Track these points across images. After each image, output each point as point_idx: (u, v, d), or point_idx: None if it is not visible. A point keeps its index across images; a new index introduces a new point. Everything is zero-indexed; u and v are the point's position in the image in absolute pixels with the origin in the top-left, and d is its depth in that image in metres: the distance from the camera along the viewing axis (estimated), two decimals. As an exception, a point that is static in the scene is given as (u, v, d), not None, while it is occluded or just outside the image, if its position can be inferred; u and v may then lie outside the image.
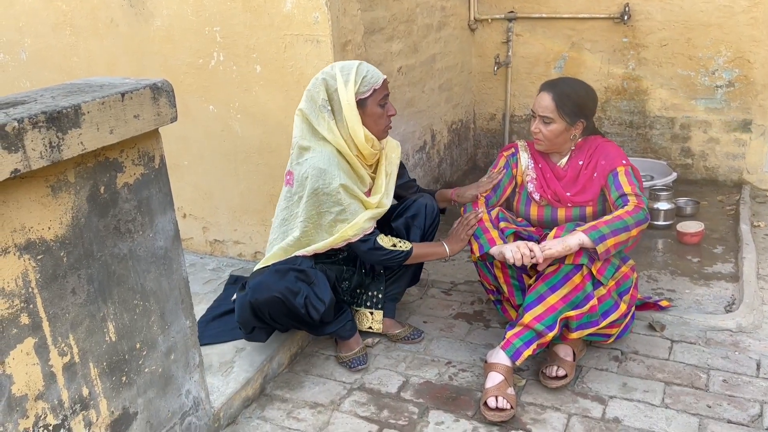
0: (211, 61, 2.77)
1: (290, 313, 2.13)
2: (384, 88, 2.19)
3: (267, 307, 2.12)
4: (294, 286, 2.11)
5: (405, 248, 2.26)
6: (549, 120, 2.27)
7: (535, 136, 2.33)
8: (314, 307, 2.13)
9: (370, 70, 2.18)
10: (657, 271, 2.91)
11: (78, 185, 1.46)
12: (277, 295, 2.09)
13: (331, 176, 2.11)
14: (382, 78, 2.18)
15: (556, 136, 2.28)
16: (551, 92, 2.27)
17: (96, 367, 1.55)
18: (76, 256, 1.47)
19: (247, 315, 2.18)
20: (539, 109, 2.28)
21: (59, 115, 1.32)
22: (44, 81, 3.20)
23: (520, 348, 2.10)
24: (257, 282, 2.14)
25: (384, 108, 2.20)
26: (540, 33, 4.10)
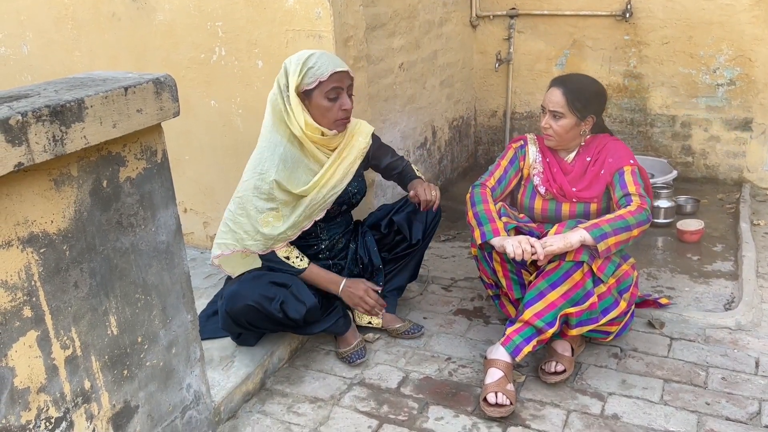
0: (212, 56, 2.77)
1: (268, 318, 2.14)
2: (333, 81, 2.09)
3: (243, 315, 2.14)
4: (269, 292, 2.12)
5: (298, 266, 2.22)
6: (560, 115, 2.27)
7: (545, 132, 2.33)
8: (295, 310, 2.13)
9: (320, 62, 2.09)
10: (657, 269, 2.92)
11: (81, 179, 1.46)
12: (250, 304, 2.11)
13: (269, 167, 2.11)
14: (330, 71, 2.08)
15: (566, 131, 2.29)
16: (562, 87, 2.27)
17: (98, 361, 1.56)
18: (78, 249, 1.47)
19: (228, 323, 2.20)
20: (550, 104, 2.29)
21: (63, 108, 1.32)
22: (46, 75, 3.21)
23: (520, 344, 2.11)
24: (231, 291, 2.16)
25: (333, 101, 2.12)
26: (542, 30, 4.10)
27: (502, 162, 2.45)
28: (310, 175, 2.19)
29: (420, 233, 2.37)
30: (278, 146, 2.14)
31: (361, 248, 2.44)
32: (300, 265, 2.22)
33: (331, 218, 2.33)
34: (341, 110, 2.14)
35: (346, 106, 2.15)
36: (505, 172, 2.42)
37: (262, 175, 2.12)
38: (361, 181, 2.39)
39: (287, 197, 2.15)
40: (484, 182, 2.37)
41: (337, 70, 2.10)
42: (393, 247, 2.47)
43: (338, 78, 2.11)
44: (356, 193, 2.37)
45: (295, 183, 2.15)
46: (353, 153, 2.26)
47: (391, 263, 2.49)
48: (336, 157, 2.22)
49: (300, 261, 2.23)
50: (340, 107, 2.14)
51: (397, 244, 2.46)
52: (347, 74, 2.14)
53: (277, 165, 2.12)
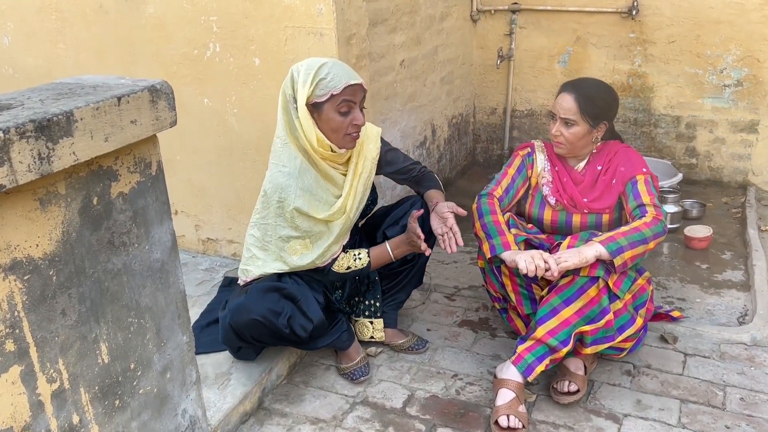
0: (206, 52, 2.62)
1: (274, 334, 2.02)
2: (346, 94, 1.93)
3: (248, 330, 2.02)
4: (276, 306, 1.99)
5: (362, 266, 2.14)
6: (571, 122, 2.17)
7: (556, 140, 2.22)
8: (301, 326, 2.01)
9: (334, 72, 1.93)
10: (665, 278, 2.84)
11: (69, 197, 1.33)
12: (257, 318, 1.98)
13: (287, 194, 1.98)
14: (344, 83, 1.92)
15: (578, 139, 2.18)
16: (573, 93, 2.16)
17: (87, 393, 1.44)
18: (66, 274, 1.34)
19: (230, 337, 2.07)
20: (561, 110, 2.17)
21: (49, 123, 1.19)
22: (28, 68, 3.04)
23: (532, 363, 2.01)
24: (237, 304, 2.03)
25: (346, 116, 1.96)
26: (544, 26, 3.98)
27: (509, 170, 2.33)
28: (330, 197, 2.06)
29: None
30: (295, 162, 2.00)
31: None
32: (364, 264, 2.13)
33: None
34: (352, 125, 1.99)
35: (357, 122, 1.99)
36: (512, 181, 2.31)
37: (282, 202, 1.99)
38: (374, 191, 2.26)
39: (311, 223, 2.03)
40: (491, 192, 2.26)
41: (351, 83, 1.94)
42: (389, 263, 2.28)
43: (352, 91, 1.95)
44: (370, 204, 2.26)
45: (316, 207, 2.02)
46: (368, 165, 2.14)
47: (388, 279, 2.36)
48: (353, 176, 2.10)
49: (361, 261, 2.13)
50: (352, 122, 1.98)
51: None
52: (361, 87, 1.98)
53: (295, 190, 1.98)
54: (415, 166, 2.31)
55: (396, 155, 2.28)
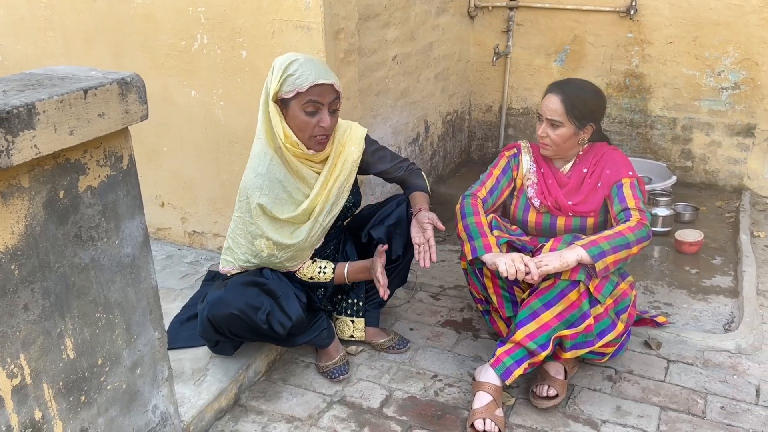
0: (194, 43, 2.60)
1: (252, 329, 2.00)
2: (312, 93, 1.88)
3: (225, 323, 1.99)
4: (255, 301, 1.97)
5: (325, 279, 2.15)
6: (557, 124, 2.14)
7: (542, 141, 2.20)
8: (280, 323, 1.99)
9: (303, 69, 1.88)
10: (654, 282, 2.81)
11: (33, 190, 1.31)
12: (235, 313, 1.96)
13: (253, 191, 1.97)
14: (310, 82, 1.87)
15: (564, 140, 2.15)
16: (560, 94, 2.13)
17: (51, 388, 1.42)
18: (29, 268, 1.32)
19: (207, 330, 2.05)
20: (547, 111, 2.14)
21: (9, 115, 1.16)
22: (17, 56, 3.02)
23: (510, 367, 1.99)
24: (216, 297, 2.00)
25: (312, 116, 1.91)
26: (542, 24, 3.94)
27: (494, 171, 2.30)
28: (300, 195, 2.02)
29: (400, 248, 2.19)
30: (265, 159, 1.98)
31: (341, 258, 2.28)
32: (327, 278, 2.14)
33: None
34: (318, 127, 1.93)
35: (323, 123, 1.93)
36: (497, 182, 2.28)
37: (248, 199, 1.98)
38: (356, 193, 2.22)
39: (276, 225, 2.00)
40: (475, 192, 2.23)
41: (318, 83, 1.88)
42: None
43: (318, 92, 1.89)
44: (351, 207, 2.22)
45: (281, 207, 1.99)
46: (347, 167, 2.09)
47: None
48: (326, 177, 2.05)
49: (325, 276, 2.14)
50: (318, 123, 1.93)
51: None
52: (331, 88, 1.91)
53: (261, 186, 1.96)
54: (402, 164, 2.28)
55: (383, 155, 2.24)
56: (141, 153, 2.84)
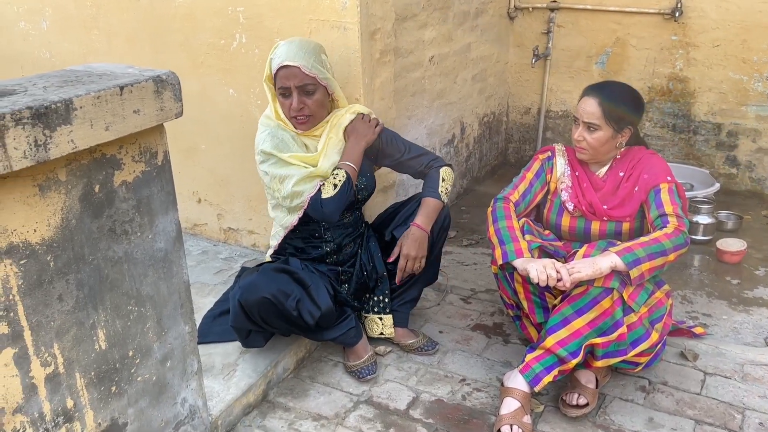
0: (233, 42, 2.63)
1: (282, 315, 2.01)
2: (280, 76, 2.05)
3: (256, 308, 2.00)
4: (286, 287, 2.00)
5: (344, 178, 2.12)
6: (595, 127, 2.09)
7: (578, 145, 2.15)
8: (309, 312, 2.01)
9: (280, 52, 2.05)
10: (692, 292, 2.73)
11: (69, 184, 1.34)
12: (266, 297, 1.97)
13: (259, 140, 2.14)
14: (277, 65, 2.04)
15: (601, 144, 2.11)
16: (597, 97, 2.09)
17: (83, 378, 1.45)
18: (64, 260, 1.36)
19: (239, 317, 2.06)
20: (584, 115, 2.10)
21: (47, 110, 1.19)
22: (64, 53, 3.11)
23: (540, 373, 1.96)
24: (248, 282, 2.03)
25: (285, 98, 2.08)
26: (583, 25, 3.87)
27: (527, 174, 2.27)
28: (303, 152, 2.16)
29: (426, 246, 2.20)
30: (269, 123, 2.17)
31: (364, 254, 2.29)
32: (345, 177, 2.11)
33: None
34: (291, 109, 2.07)
35: (295, 107, 2.07)
36: (530, 185, 2.25)
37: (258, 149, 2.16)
38: (370, 177, 2.25)
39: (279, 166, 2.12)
40: (507, 196, 2.20)
41: (283, 64, 2.02)
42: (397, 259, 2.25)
43: (284, 74, 2.04)
44: (362, 189, 2.23)
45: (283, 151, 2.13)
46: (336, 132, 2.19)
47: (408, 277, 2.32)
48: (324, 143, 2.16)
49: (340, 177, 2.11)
50: (290, 106, 2.07)
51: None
52: (298, 71, 2.03)
53: (266, 137, 2.13)
54: (422, 158, 2.28)
55: (396, 148, 2.28)
56: (179, 150, 2.91)
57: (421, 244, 2.18)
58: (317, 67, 2.05)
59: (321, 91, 2.09)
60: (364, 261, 2.28)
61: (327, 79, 2.09)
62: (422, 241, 2.18)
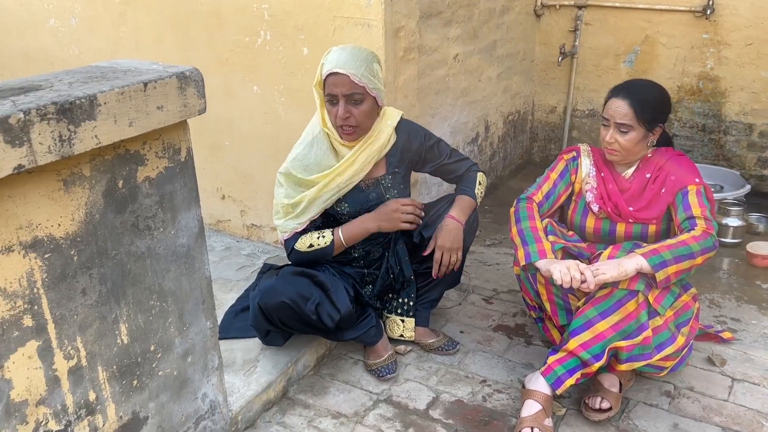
0: (257, 39, 2.64)
1: (301, 319, 2.02)
2: (328, 83, 1.98)
3: (275, 312, 2.01)
4: (306, 291, 2.00)
5: (324, 245, 2.11)
6: (627, 128, 2.04)
7: (609, 147, 2.10)
8: (329, 315, 2.01)
9: (330, 59, 1.98)
10: (721, 296, 2.67)
11: (93, 179, 1.35)
12: (285, 301, 1.98)
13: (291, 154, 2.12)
14: (326, 71, 1.97)
15: (634, 145, 2.07)
16: (628, 98, 2.04)
17: (105, 371, 1.47)
18: (88, 254, 1.37)
19: (258, 319, 2.08)
20: (616, 116, 2.05)
21: (72, 106, 1.21)
22: (92, 49, 3.15)
23: (562, 376, 1.93)
24: (268, 286, 2.04)
25: (332, 106, 2.00)
26: (611, 23, 3.81)
27: (551, 174, 2.23)
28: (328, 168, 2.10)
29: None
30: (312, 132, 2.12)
31: (392, 257, 2.27)
32: (326, 243, 2.11)
33: None
34: (338, 118, 2.00)
35: (340, 115, 1.99)
36: (554, 186, 2.21)
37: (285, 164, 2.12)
38: (403, 189, 2.21)
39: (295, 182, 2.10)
40: (530, 196, 2.17)
41: (333, 71, 1.95)
42: (424, 260, 2.24)
43: (332, 81, 1.97)
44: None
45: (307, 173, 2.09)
46: (381, 139, 2.10)
47: (423, 276, 2.30)
48: (360, 147, 2.08)
49: (323, 239, 2.11)
50: (336, 114, 1.99)
51: (429, 257, 2.19)
52: (347, 80, 1.94)
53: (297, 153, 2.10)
54: (461, 163, 2.26)
55: (437, 154, 2.23)
56: (204, 146, 2.94)
57: (456, 235, 2.12)
58: (367, 77, 1.96)
59: (369, 101, 2.00)
60: (391, 264, 2.26)
61: (377, 89, 2.01)
62: (457, 232, 2.12)
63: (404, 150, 2.18)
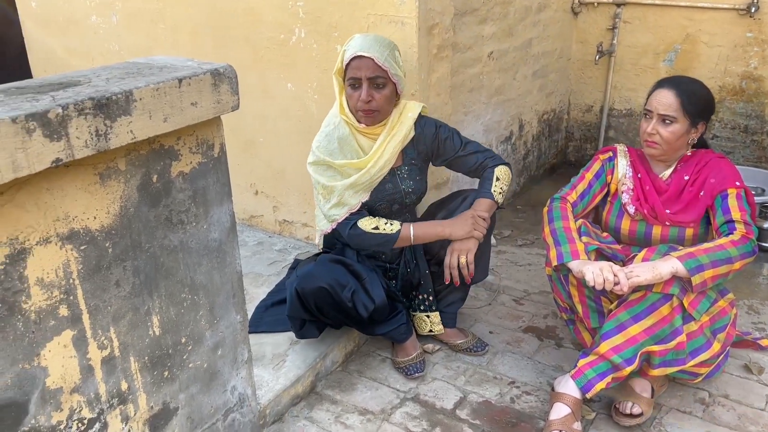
0: (292, 37, 2.66)
1: (337, 306, 2.03)
2: (352, 67, 2.01)
3: (313, 297, 2.02)
4: (343, 278, 2.02)
5: (390, 231, 2.09)
6: (671, 120, 2.01)
7: (650, 139, 2.06)
8: (363, 305, 2.02)
9: (353, 43, 2.03)
10: (760, 302, 2.60)
11: (129, 173, 1.38)
12: (323, 286, 1.99)
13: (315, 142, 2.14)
14: (350, 55, 2.01)
15: (676, 138, 2.03)
16: (675, 89, 2.02)
17: (137, 362, 1.50)
18: (122, 247, 1.40)
19: (295, 306, 2.08)
20: (660, 106, 2.02)
21: (108, 101, 1.23)
22: (132, 46, 3.21)
23: (592, 380, 1.90)
24: (305, 271, 2.06)
25: (354, 90, 2.04)
26: (651, 21, 3.73)
27: (586, 174, 2.20)
28: (354, 157, 2.11)
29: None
30: (334, 121, 2.15)
31: (409, 252, 2.27)
32: (392, 231, 2.09)
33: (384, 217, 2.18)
34: (360, 101, 2.03)
35: (363, 98, 2.02)
36: (589, 186, 2.18)
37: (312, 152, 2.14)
38: (419, 181, 2.22)
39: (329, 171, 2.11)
40: (564, 196, 2.14)
41: (357, 54, 1.99)
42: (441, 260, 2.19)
43: (356, 65, 2.01)
44: (410, 193, 2.21)
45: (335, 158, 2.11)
46: (403, 130, 2.13)
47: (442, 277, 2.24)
48: (384, 138, 2.11)
49: (391, 227, 2.10)
50: (358, 97, 2.03)
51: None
52: (371, 63, 1.99)
53: (320, 140, 2.13)
54: (477, 155, 2.22)
55: (450, 147, 2.23)
56: (239, 142, 2.97)
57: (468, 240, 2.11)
58: (390, 62, 2.02)
59: (390, 87, 2.05)
60: (408, 259, 2.27)
61: (398, 76, 2.06)
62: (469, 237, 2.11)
63: (418, 142, 2.20)
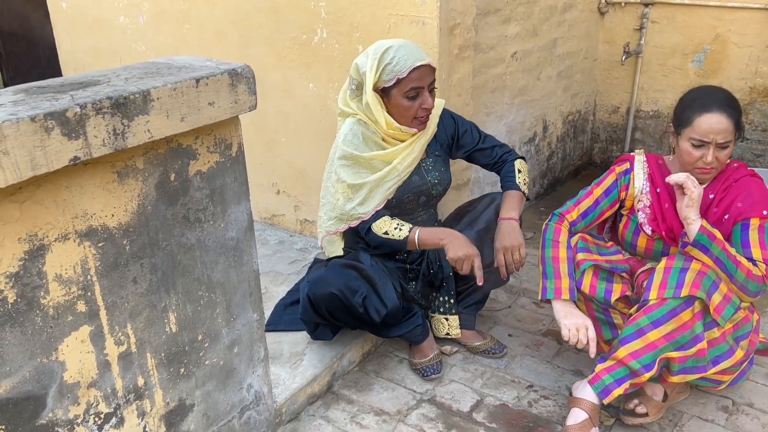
0: (314, 37, 2.67)
1: (348, 311, 2.03)
2: (412, 78, 1.94)
3: (324, 302, 2.03)
4: (353, 283, 2.01)
5: (398, 237, 2.05)
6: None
7: (707, 166, 1.88)
8: (375, 309, 2.01)
9: (399, 55, 1.94)
10: (788, 309, 2.54)
11: (147, 172, 1.40)
12: (334, 292, 1.99)
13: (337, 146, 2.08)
14: (409, 67, 1.93)
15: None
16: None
17: (153, 358, 1.52)
18: (139, 244, 1.42)
19: (308, 311, 2.10)
20: (719, 136, 1.83)
21: (126, 101, 1.25)
22: (158, 46, 3.26)
23: (609, 385, 1.87)
24: (317, 276, 2.06)
25: (414, 100, 1.98)
26: (680, 21, 3.67)
27: (595, 190, 2.09)
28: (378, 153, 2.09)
29: (491, 254, 2.10)
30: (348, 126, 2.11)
31: (432, 253, 2.25)
32: (400, 237, 2.06)
33: (408, 212, 2.17)
34: (421, 109, 2.00)
35: (426, 105, 2.00)
36: (595, 203, 2.07)
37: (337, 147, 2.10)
38: (444, 171, 2.21)
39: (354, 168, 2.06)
40: (563, 213, 2.06)
41: (416, 65, 1.94)
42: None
43: (418, 75, 1.96)
44: (437, 184, 2.20)
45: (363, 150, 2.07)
46: (431, 127, 2.14)
47: (464, 279, 2.25)
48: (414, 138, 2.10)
49: (399, 231, 2.06)
50: (420, 106, 1.99)
51: None
52: (428, 68, 1.98)
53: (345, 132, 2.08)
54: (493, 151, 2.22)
55: (470, 139, 2.23)
56: (261, 142, 2.99)
57: (512, 233, 2.05)
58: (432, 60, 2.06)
59: None
60: (431, 259, 2.26)
61: None
62: (511, 230, 2.06)
63: (438, 133, 2.21)
